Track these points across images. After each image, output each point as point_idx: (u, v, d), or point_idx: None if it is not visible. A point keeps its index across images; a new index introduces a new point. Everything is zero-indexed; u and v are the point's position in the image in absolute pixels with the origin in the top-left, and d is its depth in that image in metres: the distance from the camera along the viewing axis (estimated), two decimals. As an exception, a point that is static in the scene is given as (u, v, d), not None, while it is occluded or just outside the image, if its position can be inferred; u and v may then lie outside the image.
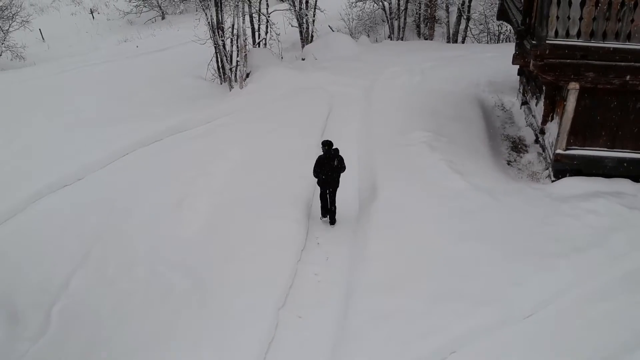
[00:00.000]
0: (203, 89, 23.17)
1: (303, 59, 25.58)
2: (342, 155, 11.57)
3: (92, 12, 39.90)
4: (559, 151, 12.02)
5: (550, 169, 12.68)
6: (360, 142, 15.37)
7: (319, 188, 12.13)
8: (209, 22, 22.05)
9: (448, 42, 27.42)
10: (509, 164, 13.71)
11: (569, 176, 12.10)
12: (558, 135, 11.95)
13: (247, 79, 22.92)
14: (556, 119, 12.74)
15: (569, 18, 10.90)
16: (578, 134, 11.87)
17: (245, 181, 14.06)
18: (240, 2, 21.65)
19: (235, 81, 23.20)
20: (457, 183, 11.91)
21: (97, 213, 13.91)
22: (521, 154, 14.11)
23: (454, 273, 9.69)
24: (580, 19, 10.85)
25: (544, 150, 13.61)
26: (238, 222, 12.40)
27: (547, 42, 11.02)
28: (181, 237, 12.40)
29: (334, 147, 11.44)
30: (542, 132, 13.43)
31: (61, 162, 16.28)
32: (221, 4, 22.74)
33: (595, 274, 9.40)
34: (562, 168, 12.16)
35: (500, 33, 26.50)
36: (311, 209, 12.78)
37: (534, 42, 11.07)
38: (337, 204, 12.08)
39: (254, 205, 12.83)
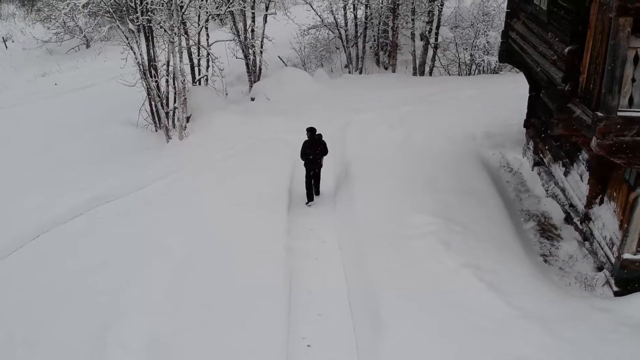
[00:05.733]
0: (135, 140, 19.34)
1: (253, 99, 21.98)
2: (324, 140, 13.01)
3: (4, 41, 34.89)
4: (627, 256, 8.85)
5: (607, 272, 9.51)
6: (340, 228, 11.85)
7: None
8: (138, 62, 18.14)
9: (414, 74, 24.39)
10: (545, 261, 10.44)
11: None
12: (626, 235, 8.76)
13: (188, 125, 19.16)
14: (610, 205, 9.60)
15: (649, 80, 7.80)
16: (652, 232, 8.76)
17: (191, 293, 10.26)
18: (175, 37, 17.85)
19: (174, 127, 19.41)
20: (495, 307, 8.50)
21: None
22: (555, 242, 10.89)
23: None
24: (666, 81, 7.77)
25: (585, 240, 10.46)
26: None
27: (619, 114, 7.86)
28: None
29: (317, 133, 12.84)
30: (587, 217, 10.28)
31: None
32: (153, 38, 18.90)
33: None
34: (631, 277, 9.01)
35: (473, 63, 23.64)
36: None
37: (599, 114, 7.87)
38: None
39: (208, 339, 9.09)
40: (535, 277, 9.57)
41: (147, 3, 17.53)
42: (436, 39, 23.96)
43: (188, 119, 19.51)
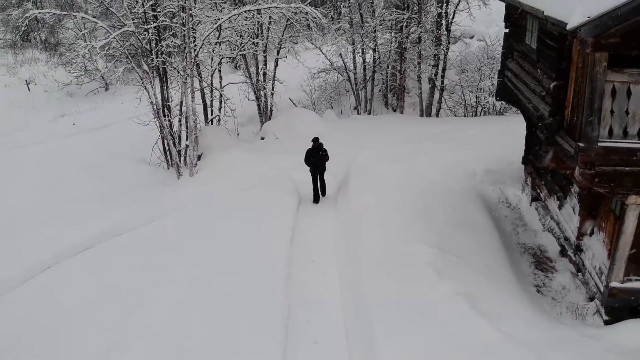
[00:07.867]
0: (147, 177, 19.82)
1: (262, 138, 22.59)
2: (325, 149, 15.58)
3: (27, 84, 36.16)
4: (614, 284, 9.06)
5: (597, 302, 9.68)
6: (341, 258, 12.16)
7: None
8: (152, 102, 18.87)
9: (421, 115, 24.94)
10: (538, 292, 10.65)
11: (628, 314, 9.11)
12: (613, 263, 9.00)
13: (199, 163, 19.75)
14: (599, 236, 9.86)
15: (627, 112, 8.16)
16: (638, 259, 8.97)
17: (193, 320, 10.50)
18: (189, 78, 18.60)
19: (185, 165, 19.99)
20: (486, 333, 8.68)
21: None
22: (549, 274, 11.10)
23: None
24: (643, 113, 8.12)
25: (578, 271, 10.67)
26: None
27: (599, 144, 8.21)
28: None
29: (319, 142, 15.40)
30: (579, 248, 10.51)
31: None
32: (167, 79, 19.69)
33: None
34: (619, 305, 9.18)
35: (478, 105, 24.16)
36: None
37: (581, 144, 8.24)
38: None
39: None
40: (526, 306, 9.77)
41: (161, 46, 18.36)
42: (442, 82, 24.58)
43: (199, 157, 20.11)
